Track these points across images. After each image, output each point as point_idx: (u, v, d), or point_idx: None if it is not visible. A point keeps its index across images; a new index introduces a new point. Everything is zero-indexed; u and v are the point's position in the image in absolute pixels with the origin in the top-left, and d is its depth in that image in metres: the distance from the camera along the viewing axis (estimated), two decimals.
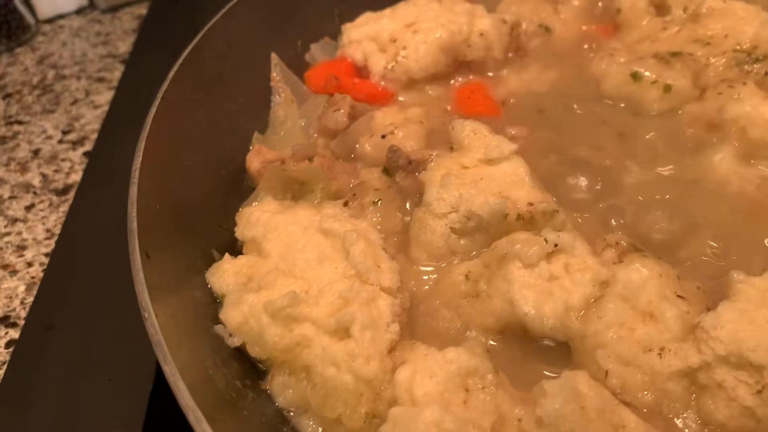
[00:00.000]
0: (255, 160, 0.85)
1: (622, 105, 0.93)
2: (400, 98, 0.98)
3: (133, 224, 0.62)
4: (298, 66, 1.01)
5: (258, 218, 0.74)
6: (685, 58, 0.91)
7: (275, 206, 0.76)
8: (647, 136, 0.88)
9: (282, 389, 0.64)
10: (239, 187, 0.87)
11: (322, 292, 0.65)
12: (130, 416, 0.90)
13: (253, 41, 0.97)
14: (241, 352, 0.66)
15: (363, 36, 1.00)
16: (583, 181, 0.83)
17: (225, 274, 0.70)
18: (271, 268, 0.68)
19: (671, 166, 0.85)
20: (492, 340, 0.69)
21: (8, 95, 1.48)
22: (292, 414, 0.63)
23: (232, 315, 0.66)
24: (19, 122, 1.40)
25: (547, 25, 1.06)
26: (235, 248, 0.78)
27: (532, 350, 0.68)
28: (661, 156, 0.86)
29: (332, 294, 0.65)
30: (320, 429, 0.63)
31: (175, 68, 0.81)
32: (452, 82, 1.00)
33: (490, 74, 1.01)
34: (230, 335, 0.66)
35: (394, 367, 0.62)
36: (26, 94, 1.48)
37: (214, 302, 0.70)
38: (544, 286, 0.66)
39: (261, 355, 0.65)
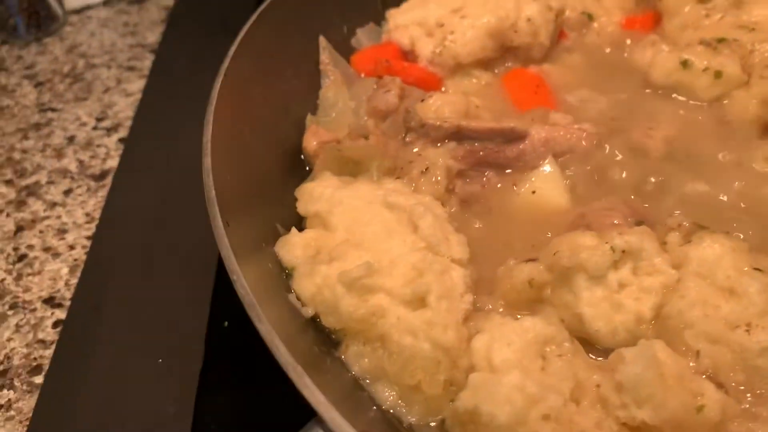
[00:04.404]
0: (312, 141, 0.86)
1: (671, 93, 0.95)
2: (448, 82, 0.99)
3: (212, 193, 0.63)
4: (344, 50, 1.02)
5: (321, 193, 0.75)
6: (731, 43, 0.93)
7: (336, 182, 0.77)
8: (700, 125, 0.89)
9: (357, 358, 0.65)
10: (296, 167, 0.88)
11: (394, 263, 0.66)
12: (180, 395, 0.90)
13: (301, 25, 0.98)
14: (314, 322, 0.67)
15: (410, 21, 1.01)
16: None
17: (294, 247, 0.71)
18: (340, 241, 0.69)
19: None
20: None
21: (40, 83, 1.48)
22: (367, 382, 0.64)
23: (305, 286, 0.67)
24: (53, 110, 1.40)
25: (590, 13, 1.07)
26: (296, 223, 0.79)
27: None
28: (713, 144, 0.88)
29: (405, 265, 0.66)
30: (395, 395, 0.63)
31: (234, 47, 0.82)
32: (496, 71, 1.02)
33: (537, 62, 1.02)
34: (303, 306, 0.67)
35: (470, 336, 0.63)
36: (57, 82, 1.48)
37: (283, 273, 0.71)
38: (613, 299, 0.66)
39: (336, 325, 0.65)
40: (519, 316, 0.64)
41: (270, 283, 0.66)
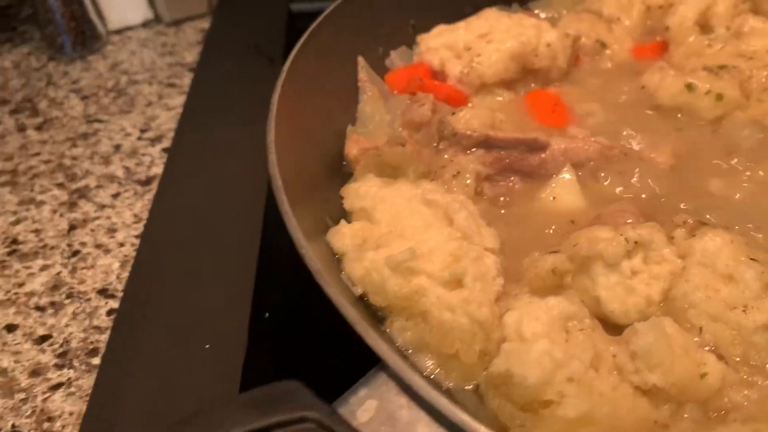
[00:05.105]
0: (353, 148, 0.96)
1: (676, 113, 1.05)
2: (473, 100, 1.09)
3: (279, 182, 0.72)
4: (379, 70, 1.12)
5: (366, 191, 0.85)
6: (731, 70, 1.03)
7: (378, 182, 0.87)
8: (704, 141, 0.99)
9: (401, 332, 0.73)
10: (337, 171, 0.97)
11: (433, 251, 0.75)
12: (227, 375, 0.98)
13: (341, 48, 1.08)
14: (362, 300, 0.76)
15: (440, 44, 1.12)
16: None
17: (344, 236, 0.80)
18: (385, 232, 0.78)
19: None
20: None
21: (85, 97, 1.59)
22: (410, 352, 0.73)
23: (354, 269, 0.76)
24: (99, 121, 1.51)
25: (603, 41, 1.18)
26: (341, 218, 0.89)
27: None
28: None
29: (443, 252, 0.75)
30: (434, 364, 0.72)
31: (286, 66, 0.93)
32: (518, 90, 1.12)
33: (555, 84, 1.12)
34: (353, 285, 0.76)
35: (501, 314, 0.71)
36: (102, 96, 1.59)
37: (334, 258, 0.80)
38: (626, 284, 0.75)
39: (382, 302, 0.74)
40: None
41: (325, 263, 0.75)
